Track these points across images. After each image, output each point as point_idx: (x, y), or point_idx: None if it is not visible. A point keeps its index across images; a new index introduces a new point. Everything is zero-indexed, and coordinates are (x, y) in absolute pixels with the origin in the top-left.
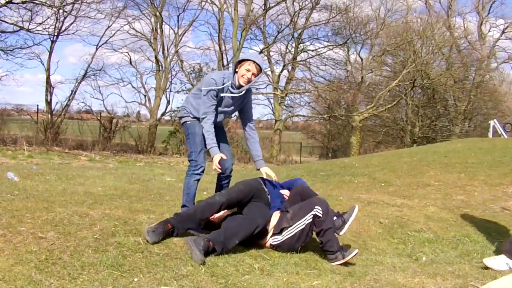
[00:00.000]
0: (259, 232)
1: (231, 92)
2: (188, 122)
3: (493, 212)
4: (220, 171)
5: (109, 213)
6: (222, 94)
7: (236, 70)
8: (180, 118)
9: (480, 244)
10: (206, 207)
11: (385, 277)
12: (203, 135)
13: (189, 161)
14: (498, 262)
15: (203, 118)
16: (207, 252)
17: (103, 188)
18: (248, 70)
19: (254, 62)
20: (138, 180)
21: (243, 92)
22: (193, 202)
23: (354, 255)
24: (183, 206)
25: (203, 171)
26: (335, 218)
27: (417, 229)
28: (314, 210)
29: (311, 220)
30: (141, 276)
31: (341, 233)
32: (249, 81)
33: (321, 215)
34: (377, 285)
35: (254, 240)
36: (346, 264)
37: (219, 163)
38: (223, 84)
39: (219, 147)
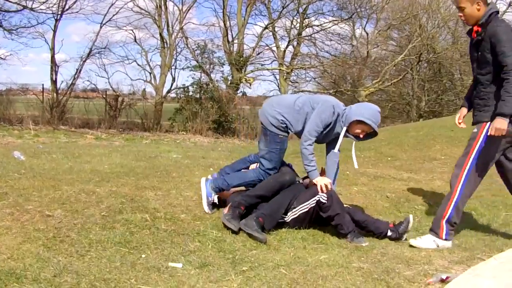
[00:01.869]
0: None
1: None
2: (280, 136)
3: (500, 185)
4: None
5: (115, 191)
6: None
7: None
8: (270, 124)
9: (487, 217)
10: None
11: (392, 250)
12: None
13: (264, 170)
14: (424, 241)
15: (307, 142)
16: (263, 228)
17: (110, 165)
18: (363, 131)
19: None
20: (145, 157)
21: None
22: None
23: (361, 245)
24: (227, 184)
25: None
26: (390, 233)
27: (423, 203)
28: (318, 195)
29: (314, 204)
30: (148, 253)
31: (353, 243)
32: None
33: (325, 201)
34: (384, 258)
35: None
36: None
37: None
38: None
39: None
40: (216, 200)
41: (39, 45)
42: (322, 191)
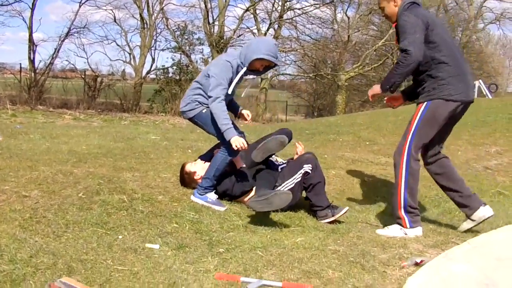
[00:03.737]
0: (245, 190)
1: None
2: (204, 111)
3: (476, 171)
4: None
5: (93, 172)
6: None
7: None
8: (187, 112)
9: None
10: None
11: (368, 234)
12: None
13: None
14: (391, 230)
15: (217, 99)
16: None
17: (87, 146)
18: (262, 65)
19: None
20: (123, 139)
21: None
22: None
23: (344, 213)
24: (208, 179)
25: None
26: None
27: None
28: (303, 168)
29: (300, 179)
30: (125, 234)
31: (336, 216)
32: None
33: (310, 171)
34: (360, 242)
35: (239, 198)
36: (333, 222)
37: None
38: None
39: None
40: (216, 196)
41: (16, 24)
42: (239, 150)
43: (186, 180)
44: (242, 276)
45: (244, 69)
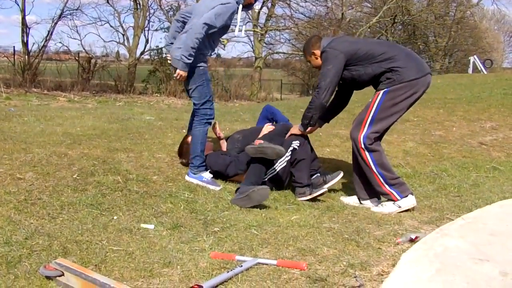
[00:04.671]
0: (238, 172)
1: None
2: (201, 68)
3: (471, 147)
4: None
5: (87, 153)
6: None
7: None
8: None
9: (457, 179)
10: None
11: (363, 211)
12: None
13: (202, 109)
14: (386, 207)
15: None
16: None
17: (82, 128)
18: None
19: None
20: (117, 120)
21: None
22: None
23: (322, 193)
24: (197, 156)
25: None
26: (318, 175)
27: (395, 164)
28: (292, 145)
29: (289, 156)
30: (120, 214)
31: (314, 194)
32: None
33: (297, 147)
34: (355, 219)
35: (232, 177)
36: (313, 200)
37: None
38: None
39: None
40: (211, 175)
41: (8, 6)
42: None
43: (184, 150)
44: (237, 255)
45: (241, 6)
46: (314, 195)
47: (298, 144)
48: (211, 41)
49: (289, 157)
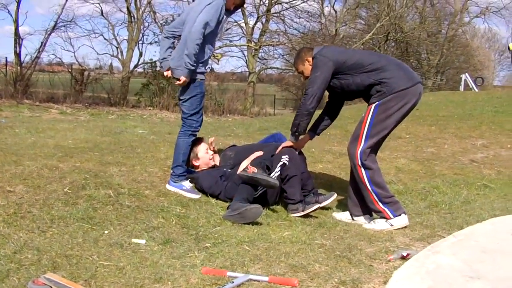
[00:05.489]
0: (228, 198)
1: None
2: (198, 80)
3: (462, 164)
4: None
5: (79, 166)
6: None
7: None
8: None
9: (449, 196)
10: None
11: (355, 227)
12: None
13: (189, 120)
14: (378, 224)
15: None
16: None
17: (74, 141)
18: (234, 3)
19: None
20: (110, 133)
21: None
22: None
23: (315, 210)
24: (178, 166)
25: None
26: (311, 195)
27: (388, 181)
28: (282, 160)
29: (279, 172)
30: (111, 229)
31: (306, 211)
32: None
33: (287, 162)
34: (347, 235)
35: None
36: (306, 216)
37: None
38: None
39: None
40: (191, 185)
41: (2, 17)
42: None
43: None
44: (228, 271)
45: (224, 7)
46: (307, 211)
47: (287, 159)
48: (205, 47)
49: (278, 173)
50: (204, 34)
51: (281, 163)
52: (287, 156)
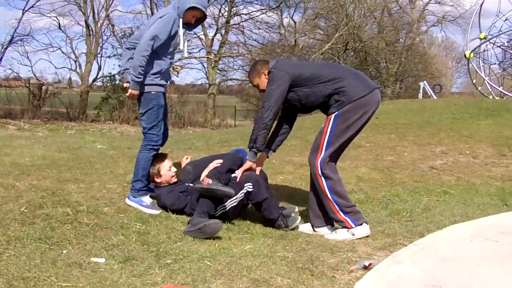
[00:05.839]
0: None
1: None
2: (152, 93)
3: (422, 172)
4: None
5: (36, 184)
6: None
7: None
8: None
9: (409, 203)
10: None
11: (317, 238)
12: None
13: (149, 134)
14: (339, 234)
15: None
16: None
17: (31, 158)
18: (194, 17)
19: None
20: (68, 149)
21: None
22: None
23: (297, 224)
24: (138, 180)
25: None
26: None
27: (348, 190)
28: (245, 188)
29: (242, 197)
30: (70, 248)
31: (293, 225)
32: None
33: (252, 189)
34: (309, 247)
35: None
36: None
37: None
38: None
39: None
40: (150, 200)
41: None
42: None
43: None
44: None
45: (181, 20)
46: (291, 227)
47: (251, 186)
48: (158, 59)
49: (241, 198)
50: (152, 47)
51: (244, 190)
52: (250, 184)
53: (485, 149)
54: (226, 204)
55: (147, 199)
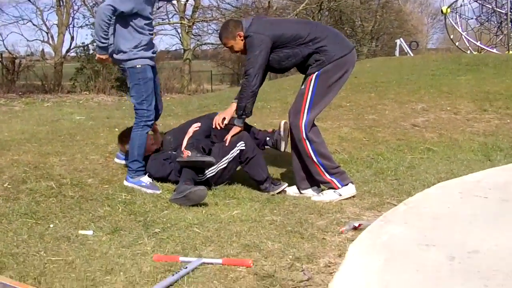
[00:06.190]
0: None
1: None
2: (138, 66)
3: (404, 129)
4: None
5: (17, 159)
6: None
7: None
8: (119, 60)
9: (393, 162)
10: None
11: (304, 201)
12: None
13: (139, 110)
14: (326, 195)
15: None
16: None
17: (10, 133)
18: None
19: None
20: (47, 122)
21: None
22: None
23: (282, 190)
24: (135, 161)
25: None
26: (267, 138)
27: (332, 151)
28: (237, 146)
29: (234, 157)
30: (57, 222)
31: (278, 190)
32: None
33: (244, 148)
34: (296, 209)
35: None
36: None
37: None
38: None
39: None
40: (150, 179)
41: None
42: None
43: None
44: (181, 256)
45: None
46: (276, 191)
47: (243, 145)
48: (136, 31)
49: (231, 158)
50: (113, 16)
51: (237, 150)
52: (242, 142)
53: (466, 105)
54: (213, 168)
55: (145, 179)
